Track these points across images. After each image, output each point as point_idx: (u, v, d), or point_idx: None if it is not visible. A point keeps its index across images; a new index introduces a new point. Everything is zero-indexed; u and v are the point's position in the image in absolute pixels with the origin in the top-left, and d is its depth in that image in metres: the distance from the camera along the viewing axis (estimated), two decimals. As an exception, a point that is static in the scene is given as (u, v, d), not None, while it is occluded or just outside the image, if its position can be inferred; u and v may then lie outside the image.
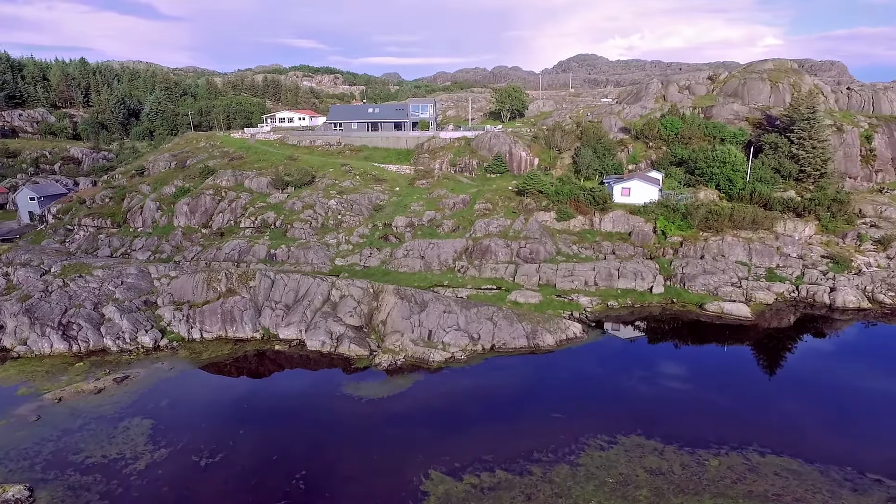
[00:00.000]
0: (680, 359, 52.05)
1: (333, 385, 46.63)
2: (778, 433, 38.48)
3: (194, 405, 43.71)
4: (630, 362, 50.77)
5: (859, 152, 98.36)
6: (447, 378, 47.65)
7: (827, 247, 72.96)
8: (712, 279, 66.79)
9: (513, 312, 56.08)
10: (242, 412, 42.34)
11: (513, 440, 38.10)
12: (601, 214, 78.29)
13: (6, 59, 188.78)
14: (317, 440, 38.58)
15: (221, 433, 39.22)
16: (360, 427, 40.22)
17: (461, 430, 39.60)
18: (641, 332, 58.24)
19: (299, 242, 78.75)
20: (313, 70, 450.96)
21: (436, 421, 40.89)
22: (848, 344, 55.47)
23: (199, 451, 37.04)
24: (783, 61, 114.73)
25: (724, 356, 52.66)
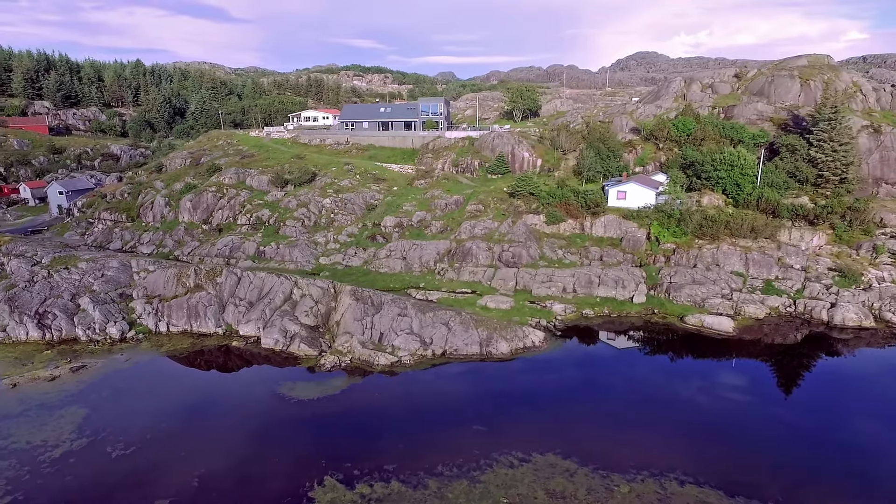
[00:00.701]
0: (636, 374, 49.05)
1: (271, 384, 46.87)
2: (709, 463, 35.52)
3: (133, 397, 44.97)
4: (581, 375, 48.35)
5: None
6: (385, 383, 46.94)
7: (837, 258, 67.16)
8: (700, 290, 62.83)
9: (470, 318, 54.65)
10: (171, 406, 43.20)
11: (424, 451, 37.01)
12: (592, 219, 75.23)
13: (66, 62, 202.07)
14: (230, 439, 38.78)
15: (144, 426, 40.13)
16: (278, 428, 40.20)
17: (375, 437, 38.82)
18: (608, 344, 55.48)
19: (289, 240, 79.99)
20: (364, 69, 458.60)
21: (354, 426, 40.26)
22: (831, 368, 50.69)
23: (116, 443, 38.01)
24: (819, 57, 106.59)
25: (685, 374, 49.30)
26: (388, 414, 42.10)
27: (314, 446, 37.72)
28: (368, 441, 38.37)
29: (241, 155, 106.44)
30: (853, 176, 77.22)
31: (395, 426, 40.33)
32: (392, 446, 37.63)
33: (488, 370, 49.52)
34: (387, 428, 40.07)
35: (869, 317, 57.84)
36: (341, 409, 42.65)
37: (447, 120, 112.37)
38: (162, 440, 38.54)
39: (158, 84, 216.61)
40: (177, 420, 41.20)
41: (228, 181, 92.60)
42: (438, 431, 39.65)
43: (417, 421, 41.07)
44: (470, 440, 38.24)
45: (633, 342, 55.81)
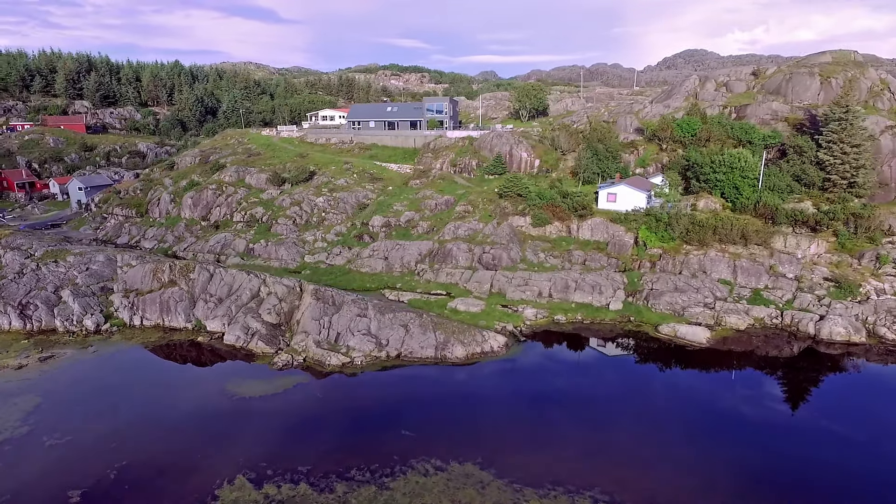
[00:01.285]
0: (588, 385, 47.16)
1: (222, 379, 47.56)
2: (629, 483, 33.80)
3: (87, 388, 46.45)
4: (530, 384, 46.80)
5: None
6: (330, 384, 46.84)
7: (836, 268, 63.03)
8: (681, 298, 60.18)
9: (430, 321, 53.95)
10: (119, 398, 44.31)
11: (342, 454, 36.65)
12: (579, 221, 73.17)
13: (106, 63, 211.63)
14: (161, 432, 39.46)
15: (87, 416, 41.37)
16: (211, 423, 40.67)
17: (299, 437, 38.76)
18: (571, 351, 53.78)
19: (279, 238, 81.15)
20: (401, 69, 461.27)
21: (283, 425, 40.31)
22: (799, 384, 47.47)
23: (54, 432, 39.29)
24: (845, 53, 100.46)
25: (640, 387, 46.98)
26: (321, 415, 42.01)
27: (238, 444, 37.96)
28: (291, 441, 38.35)
29: (249, 153, 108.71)
30: (864, 180, 72.25)
31: (324, 427, 40.20)
32: (312, 448, 37.50)
33: (437, 374, 48.77)
34: (314, 429, 39.98)
35: (861, 331, 54.01)
36: (277, 409, 42.81)
37: (452, 119, 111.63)
38: (97, 431, 39.58)
39: (192, 84, 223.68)
40: (119, 412, 42.25)
41: (229, 179, 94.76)
42: (365, 434, 39.23)
43: (347, 423, 40.78)
44: (393, 445, 37.67)
45: (597, 351, 53.88)
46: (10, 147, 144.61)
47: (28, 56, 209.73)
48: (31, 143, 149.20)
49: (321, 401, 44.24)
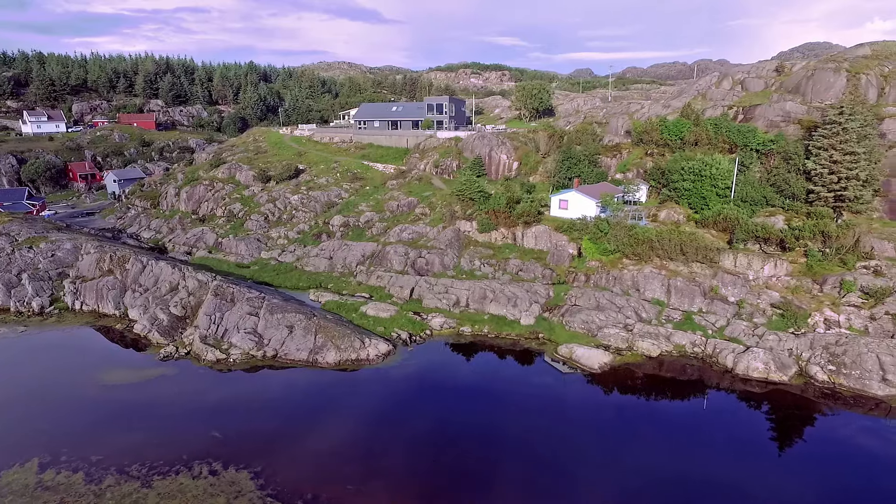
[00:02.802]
0: (440, 405, 44.24)
1: (102, 366, 50.36)
2: None
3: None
4: (378, 399, 44.92)
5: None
6: (191, 378, 48.10)
7: (792, 293, 55.02)
8: (599, 317, 55.47)
9: (315, 324, 53.70)
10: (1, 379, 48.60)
11: (149, 448, 37.11)
12: (524, 228, 69.47)
13: (182, 65, 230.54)
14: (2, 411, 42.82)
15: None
16: (58, 407, 43.35)
17: (120, 427, 40.13)
18: (453, 367, 51.29)
19: (246, 233, 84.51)
20: (482, 67, 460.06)
21: (114, 413, 42.00)
22: (664, 423, 41.85)
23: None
24: (889, 44, 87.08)
25: (491, 412, 43.18)
26: (157, 407, 43.26)
27: (59, 427, 40.20)
28: (108, 430, 39.98)
29: (258, 151, 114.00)
30: (857, 194, 62.26)
31: (149, 419, 41.39)
32: (123, 439, 38.78)
33: (295, 378, 48.55)
34: (139, 420, 41.30)
35: (788, 368, 46.85)
36: (124, 397, 44.75)
37: (455, 119, 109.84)
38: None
39: (257, 84, 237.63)
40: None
41: (222, 175, 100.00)
42: (174, 430, 39.90)
43: (168, 417, 41.77)
44: (196, 445, 38.04)
45: (480, 368, 50.97)
46: (81, 142, 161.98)
47: (126, 59, 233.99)
48: (99, 138, 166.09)
49: (170, 394, 45.66)
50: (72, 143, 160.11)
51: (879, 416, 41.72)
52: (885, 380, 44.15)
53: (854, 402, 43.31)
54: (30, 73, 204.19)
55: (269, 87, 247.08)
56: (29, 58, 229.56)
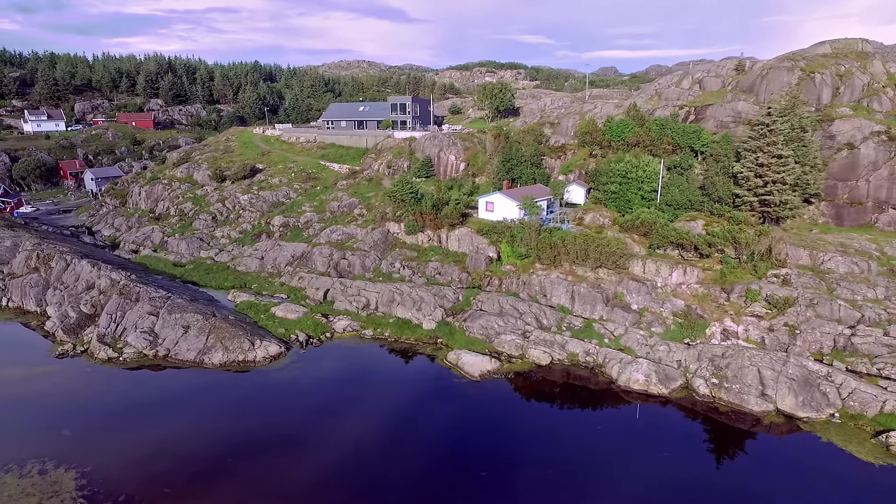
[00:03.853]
0: (305, 408, 43.89)
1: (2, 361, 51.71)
2: None
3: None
4: (236, 400, 44.81)
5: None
6: (73, 377, 48.77)
7: (698, 302, 53.03)
8: (498, 323, 54.44)
9: (210, 324, 53.89)
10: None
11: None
12: (449, 231, 68.62)
13: (184, 65, 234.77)
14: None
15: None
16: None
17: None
18: (338, 370, 50.87)
19: (193, 233, 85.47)
20: (497, 66, 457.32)
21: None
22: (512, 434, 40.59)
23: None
24: (851, 42, 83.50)
25: (329, 416, 42.56)
26: (18, 404, 44.08)
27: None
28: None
29: (226, 150, 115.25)
30: (780, 198, 59.62)
31: (3, 417, 42.22)
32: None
33: (173, 378, 48.79)
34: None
35: (669, 381, 45.19)
36: (0, 395, 45.79)
37: (418, 119, 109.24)
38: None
39: (257, 83, 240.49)
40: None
41: (180, 174, 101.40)
42: (27, 428, 40.52)
43: (30, 414, 42.51)
44: (36, 443, 38.40)
45: (360, 373, 50.36)
46: (75, 141, 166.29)
47: (129, 59, 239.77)
48: (94, 137, 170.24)
49: (44, 392, 46.22)
50: (66, 142, 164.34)
51: (747, 433, 39.87)
52: (764, 395, 42.20)
53: (727, 418, 41.51)
54: (35, 73, 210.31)
55: (270, 86, 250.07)
56: (40, 57, 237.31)
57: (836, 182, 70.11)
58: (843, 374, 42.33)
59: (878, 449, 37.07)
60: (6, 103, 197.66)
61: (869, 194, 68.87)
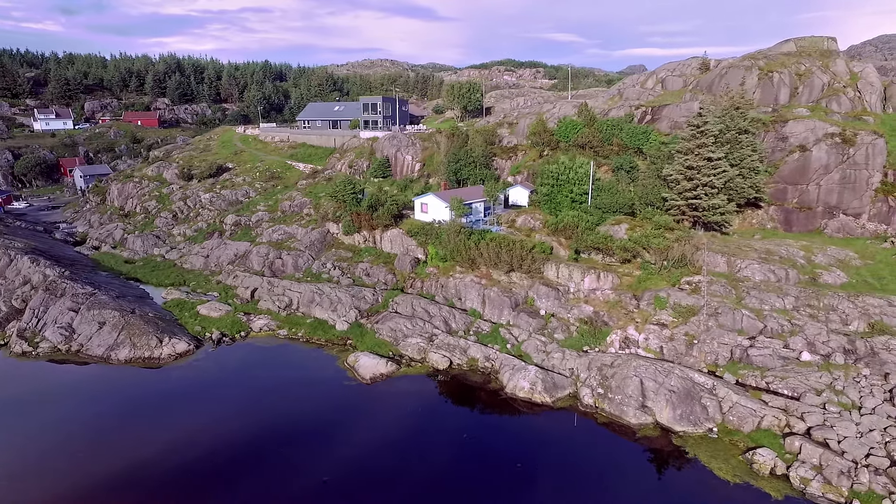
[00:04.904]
0: (181, 406, 44.35)
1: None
2: None
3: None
4: (120, 396, 45.71)
5: (883, 177, 65.27)
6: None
7: (610, 308, 51.72)
8: (406, 325, 54.15)
9: (125, 320, 54.93)
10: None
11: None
12: (382, 232, 68.48)
13: (192, 64, 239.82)
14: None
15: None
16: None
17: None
18: (240, 369, 51.24)
19: (152, 230, 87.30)
20: (517, 64, 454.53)
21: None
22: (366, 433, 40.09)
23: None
24: (817, 40, 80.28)
25: (213, 412, 42.77)
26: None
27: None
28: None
29: (205, 149, 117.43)
30: (713, 203, 57.59)
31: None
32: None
33: (72, 373, 49.87)
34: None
35: (556, 390, 44.19)
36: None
37: (390, 119, 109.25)
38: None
39: (262, 82, 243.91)
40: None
41: (151, 173, 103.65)
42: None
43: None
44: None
45: (260, 374, 50.48)
46: (78, 139, 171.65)
47: (137, 59, 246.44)
48: (96, 135, 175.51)
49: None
50: (69, 140, 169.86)
51: (612, 446, 38.71)
52: (645, 407, 40.90)
53: (602, 430, 40.35)
54: (48, 73, 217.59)
55: (277, 85, 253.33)
56: (59, 58, 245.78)
57: (786, 186, 67.57)
58: (728, 387, 40.71)
59: (741, 466, 35.55)
60: (20, 102, 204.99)
61: (819, 199, 66.16)
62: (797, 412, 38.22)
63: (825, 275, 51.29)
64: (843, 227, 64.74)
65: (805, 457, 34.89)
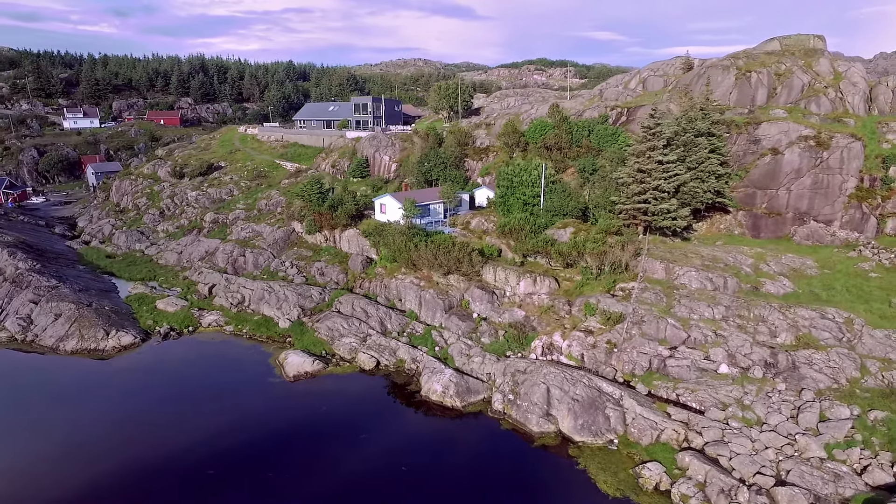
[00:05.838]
0: (107, 396, 45.98)
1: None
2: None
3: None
4: (42, 384, 48.04)
5: (858, 182, 62.31)
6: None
7: (542, 313, 50.92)
8: (343, 325, 54.68)
9: (78, 313, 57.22)
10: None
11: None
12: (341, 231, 69.13)
13: (216, 65, 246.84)
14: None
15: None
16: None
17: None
18: (180, 362, 52.71)
19: (140, 226, 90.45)
20: (547, 63, 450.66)
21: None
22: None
23: None
24: (803, 39, 76.80)
25: (129, 402, 44.12)
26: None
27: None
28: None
29: (206, 148, 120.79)
30: (657, 208, 55.85)
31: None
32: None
33: (13, 361, 52.47)
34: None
35: (469, 394, 43.93)
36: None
37: (380, 119, 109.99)
38: None
39: (283, 82, 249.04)
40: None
41: (147, 171, 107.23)
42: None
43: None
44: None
45: (192, 368, 51.84)
46: (100, 137, 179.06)
47: (181, 61, 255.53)
48: (118, 133, 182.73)
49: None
50: (92, 138, 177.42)
51: (502, 455, 38.13)
52: (549, 415, 40.17)
53: (502, 437, 39.81)
54: (81, 73, 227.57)
55: (298, 85, 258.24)
56: (95, 59, 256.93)
57: (756, 190, 65.06)
58: (634, 398, 39.54)
59: (629, 480, 34.55)
60: (53, 102, 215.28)
61: (789, 205, 63.43)
62: (698, 426, 36.87)
63: (769, 284, 49.15)
64: (813, 234, 61.88)
65: (692, 473, 33.68)
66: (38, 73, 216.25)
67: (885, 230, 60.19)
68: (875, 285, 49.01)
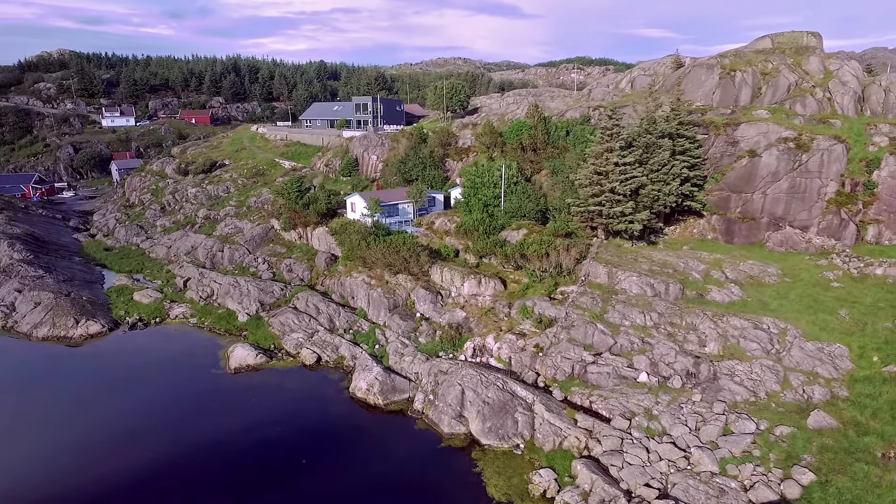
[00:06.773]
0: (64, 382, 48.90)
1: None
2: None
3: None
4: None
5: (839, 187, 59.56)
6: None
7: (482, 315, 50.76)
8: (294, 320, 56.04)
9: (54, 302, 60.60)
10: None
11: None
12: (312, 229, 70.59)
13: (248, 65, 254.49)
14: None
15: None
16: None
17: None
18: (143, 351, 55.20)
19: (141, 221, 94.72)
20: (586, 62, 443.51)
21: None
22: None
23: None
24: (796, 36, 73.40)
25: (77, 389, 46.67)
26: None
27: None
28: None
29: (216, 146, 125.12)
30: (611, 211, 54.61)
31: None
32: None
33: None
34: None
35: (393, 392, 44.31)
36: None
37: (381, 118, 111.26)
38: None
39: (310, 81, 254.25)
40: None
41: (157, 168, 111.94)
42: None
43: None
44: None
45: (146, 356, 53.96)
46: (132, 135, 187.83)
47: (221, 61, 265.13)
48: (149, 132, 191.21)
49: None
50: (125, 136, 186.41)
51: (405, 455, 38.36)
52: (461, 416, 40.14)
53: (411, 437, 40.04)
54: (120, 74, 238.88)
55: (326, 84, 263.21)
56: (138, 60, 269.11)
57: (731, 194, 62.74)
58: (543, 403, 39.06)
59: (520, 486, 34.24)
60: (95, 101, 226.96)
61: (764, 209, 60.93)
62: (600, 434, 36.14)
63: (714, 292, 47.46)
64: (787, 240, 59.24)
65: (580, 482, 33.10)
66: (82, 74, 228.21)
67: (866, 237, 57.19)
68: (832, 295, 46.63)
